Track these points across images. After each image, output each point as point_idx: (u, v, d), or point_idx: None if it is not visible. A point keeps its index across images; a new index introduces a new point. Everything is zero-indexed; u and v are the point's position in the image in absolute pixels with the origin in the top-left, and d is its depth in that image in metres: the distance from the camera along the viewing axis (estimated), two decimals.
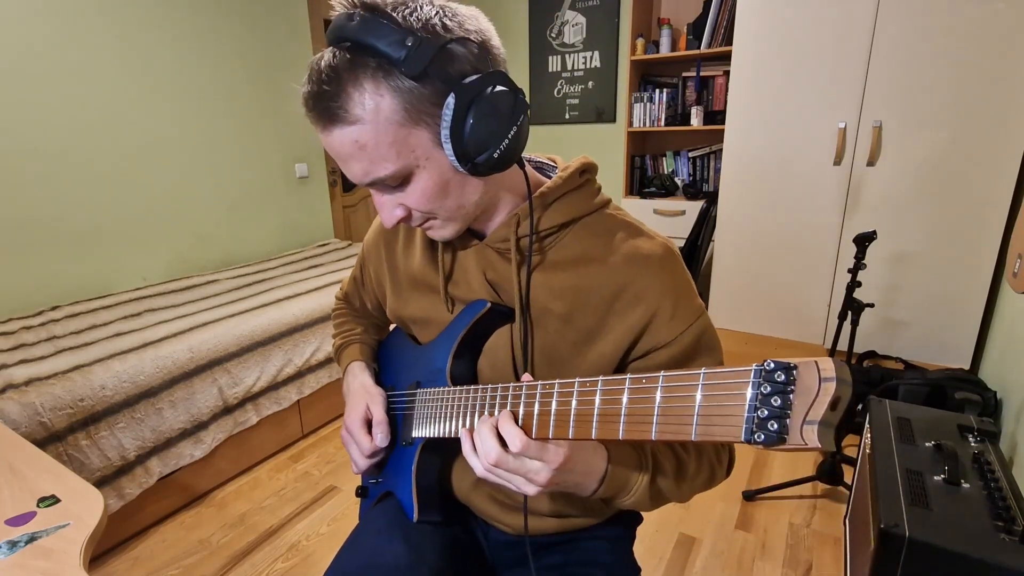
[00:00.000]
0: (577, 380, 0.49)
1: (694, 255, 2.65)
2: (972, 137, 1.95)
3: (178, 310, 2.08)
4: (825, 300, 2.34)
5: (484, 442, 0.54)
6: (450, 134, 0.52)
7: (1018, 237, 1.31)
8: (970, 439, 1.34)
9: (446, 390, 0.66)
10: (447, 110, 0.52)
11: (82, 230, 2.30)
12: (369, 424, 0.77)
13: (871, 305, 1.82)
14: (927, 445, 1.31)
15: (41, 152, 2.15)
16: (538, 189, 0.65)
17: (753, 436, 0.35)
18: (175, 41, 2.53)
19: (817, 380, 0.33)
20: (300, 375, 2.11)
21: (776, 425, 0.34)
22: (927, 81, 1.98)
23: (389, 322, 0.91)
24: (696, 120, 2.90)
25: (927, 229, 2.09)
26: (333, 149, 0.55)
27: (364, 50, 0.50)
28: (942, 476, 1.18)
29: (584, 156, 0.69)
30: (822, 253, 2.30)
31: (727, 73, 2.66)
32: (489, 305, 0.66)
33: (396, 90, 0.51)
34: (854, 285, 1.78)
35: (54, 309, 2.11)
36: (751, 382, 0.36)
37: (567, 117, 3.62)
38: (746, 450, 2.08)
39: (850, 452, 1.94)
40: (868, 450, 1.40)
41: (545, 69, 3.61)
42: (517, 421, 0.53)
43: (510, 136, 0.55)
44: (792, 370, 0.34)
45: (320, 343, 2.16)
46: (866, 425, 1.51)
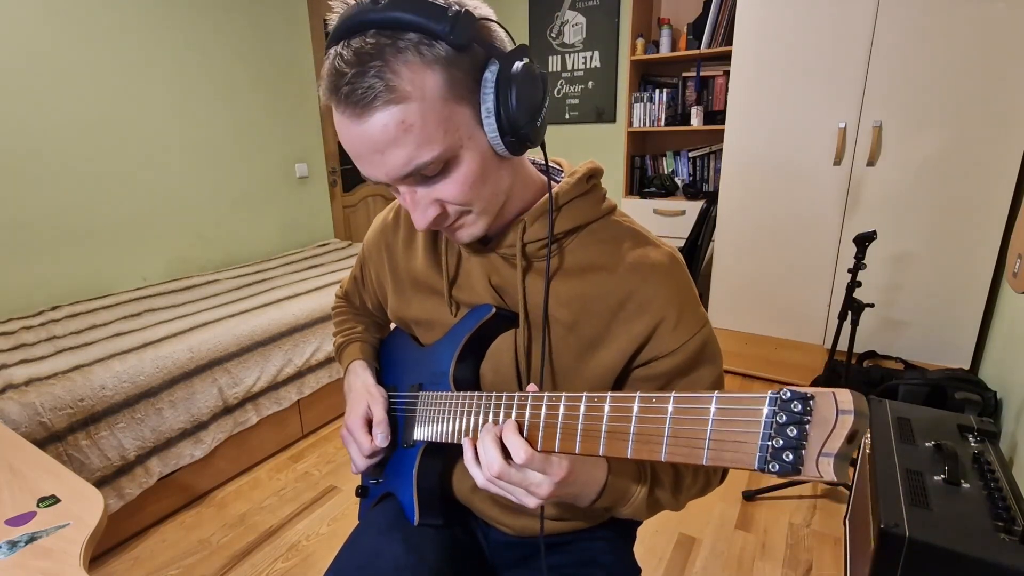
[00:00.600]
0: (585, 395, 0.48)
1: (694, 255, 2.65)
2: (972, 137, 1.95)
3: (178, 310, 2.08)
4: (825, 300, 2.34)
5: (487, 452, 0.53)
6: (493, 108, 0.52)
7: (1018, 237, 1.31)
8: (970, 439, 1.34)
9: (449, 395, 0.66)
10: (488, 84, 0.51)
11: (82, 230, 2.30)
12: (370, 424, 0.77)
13: (871, 305, 1.82)
14: (927, 445, 1.31)
15: (41, 152, 2.14)
16: (546, 194, 0.64)
17: (767, 465, 0.35)
18: (175, 41, 2.53)
19: (835, 412, 0.33)
20: (300, 375, 2.11)
21: (791, 456, 0.34)
22: (927, 81, 1.98)
23: (390, 321, 0.91)
24: (696, 120, 2.90)
25: (927, 229, 2.09)
26: (369, 139, 0.50)
27: (401, 27, 0.48)
28: (942, 476, 1.18)
29: (591, 161, 0.68)
30: (822, 253, 2.30)
31: (727, 73, 2.66)
32: (494, 310, 0.66)
33: (440, 63, 0.49)
34: (854, 285, 1.78)
35: (54, 309, 2.11)
36: (766, 409, 0.36)
37: (567, 117, 3.62)
38: None
39: None
40: (868, 450, 1.40)
41: (545, 69, 3.61)
42: (521, 431, 0.52)
43: (545, 108, 0.56)
44: (809, 400, 0.34)
45: (320, 343, 2.16)
46: None
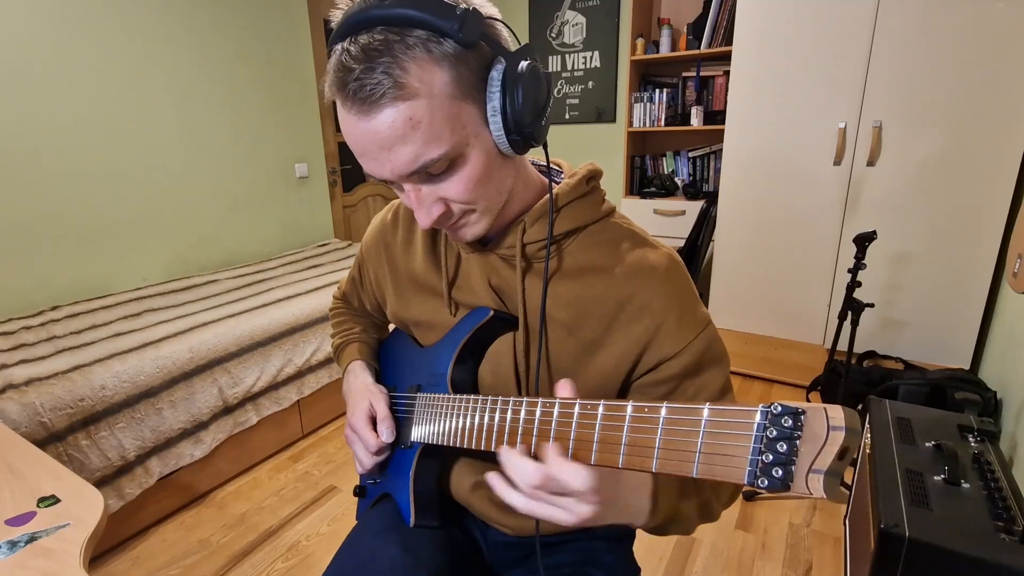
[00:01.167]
0: (578, 402, 0.48)
1: (694, 255, 2.65)
2: (972, 137, 1.95)
3: (178, 310, 2.08)
4: (825, 300, 2.34)
5: (516, 463, 0.49)
6: (500, 106, 0.52)
7: (1018, 237, 1.31)
8: (970, 439, 1.34)
9: (446, 397, 0.66)
10: (495, 82, 0.52)
11: (82, 230, 2.30)
12: (374, 422, 0.76)
13: (871, 305, 1.82)
14: (927, 445, 1.31)
15: (41, 152, 2.15)
16: (546, 195, 0.64)
17: (756, 480, 0.35)
18: (175, 41, 2.53)
19: (825, 428, 0.33)
20: (300, 375, 2.11)
21: (781, 472, 0.34)
22: (927, 81, 1.98)
23: (388, 322, 0.91)
24: (696, 120, 2.90)
25: (927, 229, 2.09)
26: (376, 135, 0.51)
27: (409, 23, 0.48)
28: (942, 476, 1.18)
29: (591, 163, 0.68)
30: (822, 253, 2.30)
31: (727, 73, 2.66)
32: (492, 313, 0.65)
33: (449, 61, 0.50)
34: (854, 285, 1.78)
35: (54, 309, 2.11)
36: (756, 423, 0.36)
37: (567, 117, 3.62)
38: None
39: None
40: (868, 450, 1.40)
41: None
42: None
43: (550, 107, 0.57)
44: (800, 415, 0.34)
45: (320, 343, 2.16)
46: (866, 425, 1.51)
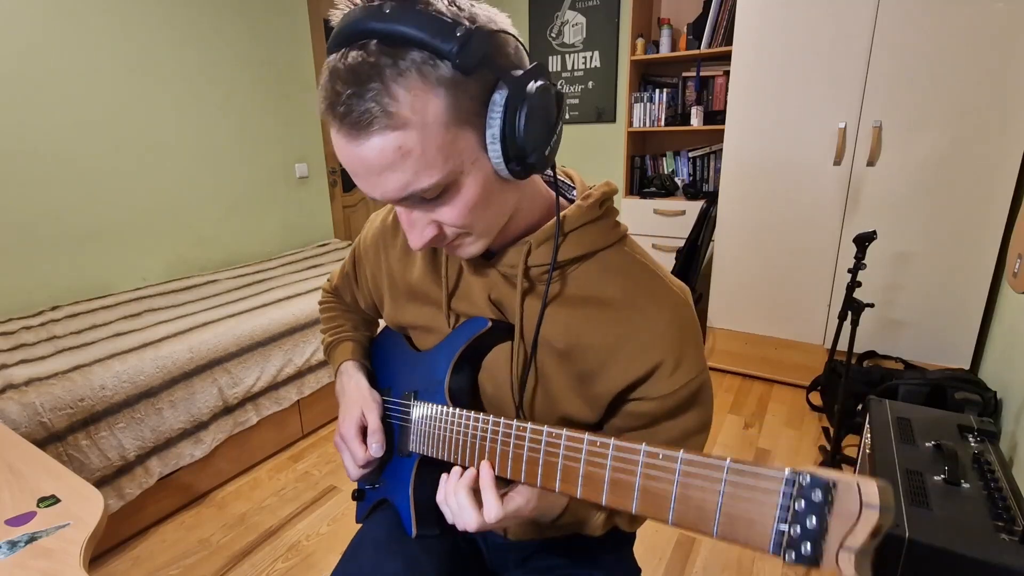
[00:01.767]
0: (587, 437, 0.46)
1: (694, 255, 2.65)
2: (972, 137, 1.95)
3: (178, 310, 2.08)
4: (825, 300, 2.34)
5: (463, 511, 0.56)
6: (499, 133, 0.48)
7: (1018, 237, 1.31)
8: (970, 439, 1.34)
9: (445, 411, 0.64)
10: (496, 107, 0.48)
11: (82, 230, 2.30)
12: (364, 432, 0.75)
13: (871, 305, 1.82)
14: (927, 445, 1.31)
15: (41, 153, 2.14)
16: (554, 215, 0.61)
17: (783, 552, 0.33)
18: (175, 41, 2.53)
19: (858, 505, 0.31)
20: (300, 375, 2.11)
21: (810, 549, 0.32)
22: (927, 81, 1.98)
23: (379, 318, 0.89)
24: (696, 120, 2.90)
25: (927, 229, 2.09)
26: (365, 161, 0.47)
27: (404, 43, 0.44)
28: (942, 476, 1.18)
29: (607, 183, 0.65)
30: (822, 253, 2.30)
31: (727, 73, 2.66)
32: (490, 324, 0.64)
33: (444, 86, 0.45)
34: (854, 285, 1.78)
35: (54, 309, 2.11)
36: (782, 490, 0.34)
37: (567, 117, 3.62)
38: (744, 449, 2.07)
39: (850, 452, 1.94)
40: (868, 450, 1.40)
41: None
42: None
43: (557, 133, 0.53)
44: (831, 490, 0.32)
45: (320, 343, 2.16)
46: (866, 425, 1.51)
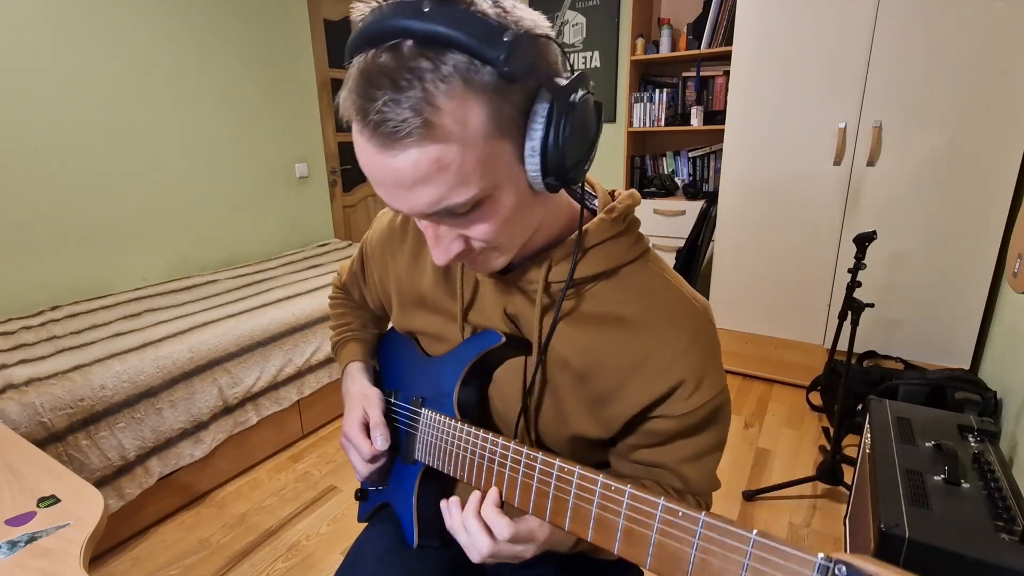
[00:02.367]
0: (601, 480, 0.45)
1: (694, 255, 2.64)
2: (972, 137, 1.95)
3: (178, 310, 2.08)
4: (825, 300, 2.34)
5: (473, 536, 0.55)
6: (540, 146, 0.45)
7: (1018, 237, 1.31)
8: (970, 439, 1.34)
9: (453, 424, 0.64)
10: (538, 117, 0.45)
11: (82, 230, 2.30)
12: (367, 428, 0.75)
13: (871, 305, 1.82)
14: (927, 445, 1.31)
15: (41, 152, 2.14)
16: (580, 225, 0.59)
17: None
18: (175, 41, 2.53)
19: None
20: (300, 375, 2.11)
21: None
22: (927, 81, 1.98)
23: (388, 314, 0.89)
24: (696, 120, 2.90)
25: (927, 229, 2.09)
26: (396, 174, 0.43)
27: (445, 45, 0.41)
28: (942, 476, 1.18)
29: (631, 193, 0.61)
30: (822, 253, 2.30)
31: (727, 73, 2.66)
32: (503, 340, 0.62)
33: (488, 94, 0.42)
34: (854, 285, 1.78)
35: (54, 309, 2.11)
36: None
37: None
38: (744, 448, 2.07)
39: (850, 452, 1.94)
40: (868, 450, 1.40)
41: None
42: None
43: (595, 147, 0.51)
44: None
45: (320, 343, 2.16)
46: (866, 425, 1.51)
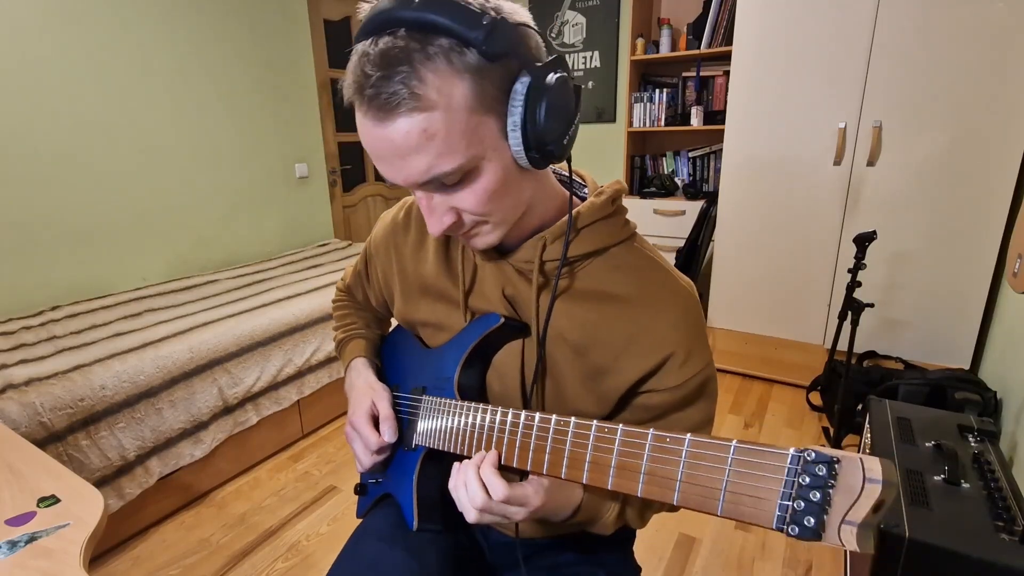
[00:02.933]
0: (595, 424, 0.47)
1: (694, 255, 2.65)
2: (972, 137, 1.95)
3: (178, 310, 2.08)
4: (825, 300, 2.34)
5: (471, 487, 0.56)
6: (520, 121, 0.50)
7: (1018, 237, 1.31)
8: (970, 439, 1.34)
9: (453, 403, 0.65)
10: (517, 96, 0.49)
11: (82, 230, 2.30)
12: (375, 421, 0.75)
13: (871, 305, 1.82)
14: (927, 445, 1.31)
15: (41, 153, 2.15)
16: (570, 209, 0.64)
17: (786, 527, 0.34)
18: (175, 41, 2.53)
19: (861, 479, 0.32)
20: (300, 375, 2.11)
21: (812, 521, 0.33)
22: (927, 81, 1.98)
23: (391, 316, 0.90)
24: (696, 120, 2.90)
25: (927, 229, 2.09)
26: (391, 143, 0.49)
27: (432, 30, 0.46)
28: (942, 476, 1.18)
29: (618, 181, 0.67)
30: (822, 253, 2.30)
31: (727, 73, 2.66)
32: (502, 320, 0.65)
33: (471, 72, 0.47)
34: (854, 285, 1.78)
35: (54, 309, 2.11)
36: (787, 467, 0.35)
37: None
38: None
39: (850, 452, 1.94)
40: (868, 450, 1.40)
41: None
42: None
43: (576, 124, 0.54)
44: (835, 464, 0.33)
45: (320, 343, 2.16)
46: (866, 425, 1.51)
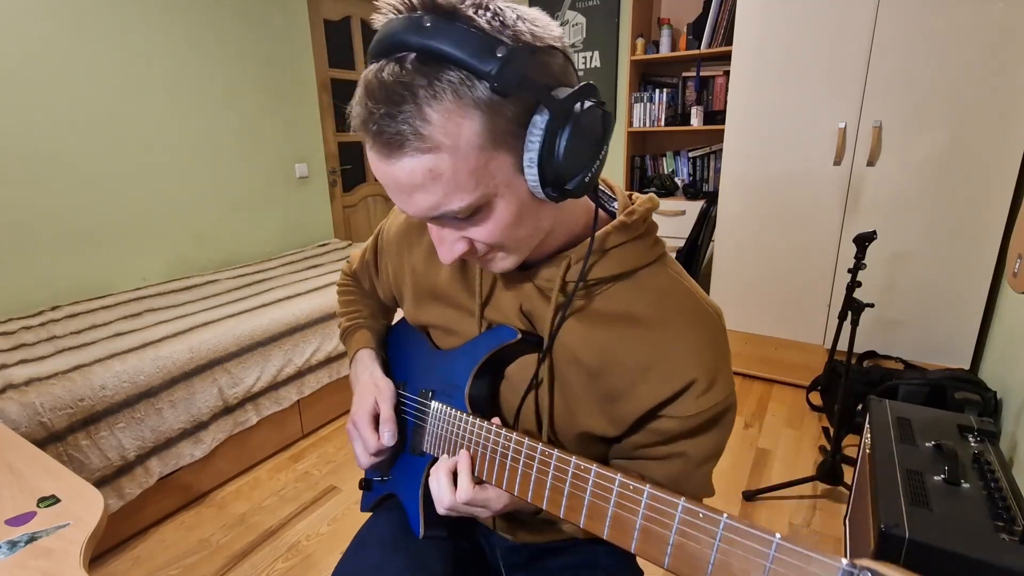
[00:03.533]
0: (619, 479, 0.44)
1: (694, 255, 2.64)
2: (972, 137, 1.95)
3: (178, 310, 2.08)
4: (825, 300, 2.34)
5: (441, 489, 0.59)
6: (537, 157, 0.46)
7: (1018, 237, 1.31)
8: (970, 439, 1.34)
9: (464, 419, 0.64)
10: (535, 130, 0.46)
11: (82, 230, 2.30)
12: (377, 420, 0.74)
13: (871, 305, 1.82)
14: (927, 445, 1.31)
15: (41, 153, 2.14)
16: (597, 227, 0.59)
17: None
18: (175, 41, 2.53)
19: None
20: (300, 375, 2.11)
21: None
22: (927, 81, 1.98)
23: (397, 306, 0.88)
24: (696, 120, 2.90)
25: (927, 229, 2.09)
26: (396, 180, 0.47)
27: (441, 61, 0.43)
28: (942, 476, 1.18)
29: (650, 197, 0.63)
30: (822, 253, 2.30)
31: (727, 73, 2.66)
32: (519, 336, 0.63)
33: (480, 109, 0.44)
34: (854, 285, 1.78)
35: (54, 309, 2.11)
36: None
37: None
38: (745, 449, 2.07)
39: (850, 452, 1.94)
40: (868, 450, 1.40)
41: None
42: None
43: (600, 157, 0.50)
44: None
45: (320, 343, 2.16)
46: (866, 425, 1.51)
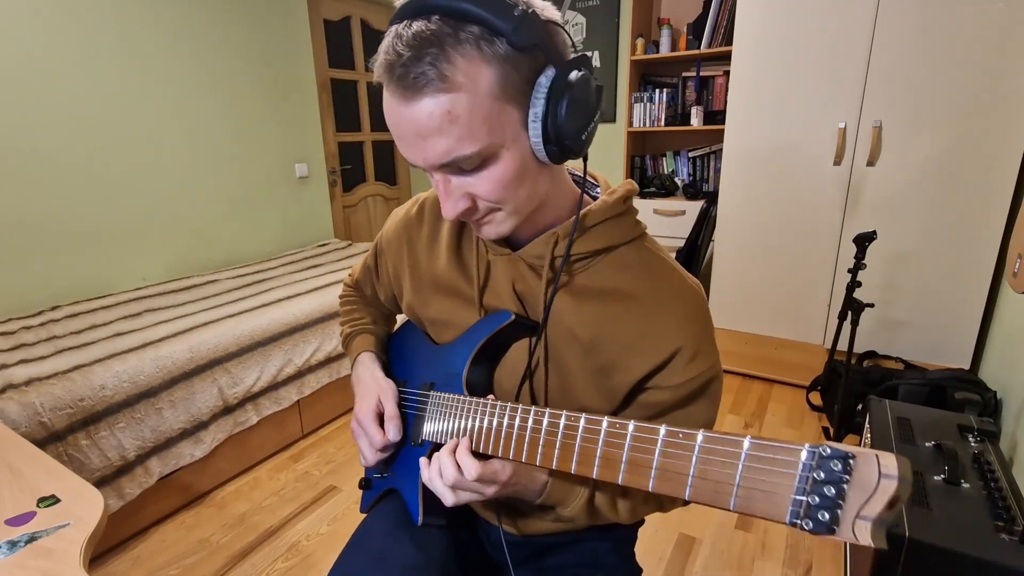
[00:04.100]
0: (607, 420, 0.47)
1: (694, 255, 2.64)
2: (972, 137, 1.95)
3: (178, 310, 2.08)
4: (825, 300, 2.34)
5: (445, 469, 0.59)
6: (542, 114, 0.51)
7: (1018, 237, 1.31)
8: (970, 439, 1.34)
9: (461, 399, 0.65)
10: (541, 88, 0.51)
11: (82, 230, 2.30)
12: (380, 418, 0.76)
13: (871, 305, 1.82)
14: (927, 445, 1.31)
15: (41, 152, 2.15)
16: (581, 208, 0.64)
17: (800, 521, 0.34)
18: (175, 41, 2.53)
19: (876, 475, 0.32)
20: (300, 375, 2.11)
21: (827, 515, 0.33)
22: (927, 81, 1.98)
23: (398, 313, 0.90)
24: (696, 120, 2.90)
25: (927, 229, 2.09)
26: (414, 123, 0.50)
27: (465, 17, 0.48)
28: (942, 476, 1.18)
29: (629, 182, 0.68)
30: (822, 253, 2.30)
31: (727, 73, 2.66)
32: (513, 317, 0.65)
33: (498, 61, 0.49)
34: (854, 285, 1.78)
35: (54, 309, 2.11)
36: (802, 462, 0.35)
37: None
38: None
39: None
40: None
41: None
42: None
43: (593, 124, 0.55)
44: (850, 460, 0.33)
45: (320, 343, 2.16)
46: (866, 425, 1.51)
